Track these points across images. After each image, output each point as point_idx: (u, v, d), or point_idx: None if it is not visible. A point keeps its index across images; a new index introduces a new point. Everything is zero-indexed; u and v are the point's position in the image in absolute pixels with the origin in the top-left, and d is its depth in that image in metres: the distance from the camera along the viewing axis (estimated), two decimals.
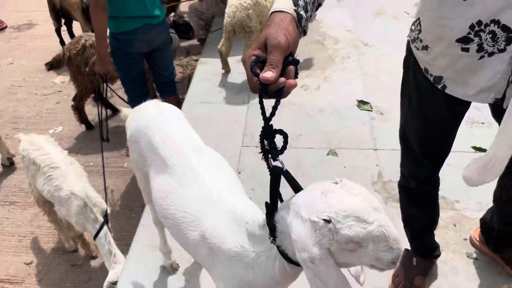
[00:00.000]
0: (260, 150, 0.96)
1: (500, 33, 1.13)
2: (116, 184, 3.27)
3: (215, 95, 3.34)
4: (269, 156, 0.94)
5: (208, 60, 3.77)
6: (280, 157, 0.95)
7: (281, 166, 0.95)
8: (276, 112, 0.89)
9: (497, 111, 1.34)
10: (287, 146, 0.95)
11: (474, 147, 2.57)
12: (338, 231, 0.87)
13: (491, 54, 1.17)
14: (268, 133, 0.94)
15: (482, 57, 1.19)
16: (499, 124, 1.34)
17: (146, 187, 1.63)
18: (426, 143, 1.49)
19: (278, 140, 0.95)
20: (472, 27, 1.15)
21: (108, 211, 2.32)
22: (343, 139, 2.78)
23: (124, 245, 2.46)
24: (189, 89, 3.45)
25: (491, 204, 1.78)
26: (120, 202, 3.13)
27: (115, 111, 3.64)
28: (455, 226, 2.08)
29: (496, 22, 1.12)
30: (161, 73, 2.94)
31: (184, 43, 4.48)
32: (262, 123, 0.92)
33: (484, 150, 2.46)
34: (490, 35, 1.15)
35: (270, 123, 0.92)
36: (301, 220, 0.91)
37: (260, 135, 0.94)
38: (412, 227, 1.80)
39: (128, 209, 3.08)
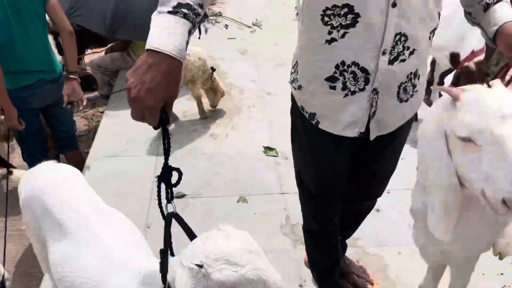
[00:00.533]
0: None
1: (360, 74, 1.29)
2: (14, 248, 3.00)
3: (122, 148, 3.27)
4: (163, 200, 1.00)
5: (113, 112, 3.71)
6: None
7: (174, 210, 1.00)
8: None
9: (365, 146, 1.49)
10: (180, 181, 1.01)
11: None
12: (210, 275, 0.87)
13: (353, 92, 1.32)
14: (166, 170, 0.98)
15: (346, 95, 1.32)
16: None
17: (43, 254, 1.54)
18: (321, 184, 1.60)
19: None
20: (337, 67, 1.29)
21: (6, 276, 2.12)
22: (252, 185, 2.85)
23: None
24: (94, 142, 3.35)
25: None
26: (19, 268, 2.87)
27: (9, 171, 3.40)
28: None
29: (356, 64, 1.27)
30: (60, 128, 2.85)
31: (90, 95, 4.38)
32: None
33: None
34: (352, 75, 1.29)
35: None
36: (182, 267, 0.91)
37: (156, 176, 0.99)
38: (318, 268, 1.88)
39: (27, 276, 2.83)
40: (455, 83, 3.07)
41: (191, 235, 1.01)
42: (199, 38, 4.27)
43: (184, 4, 0.95)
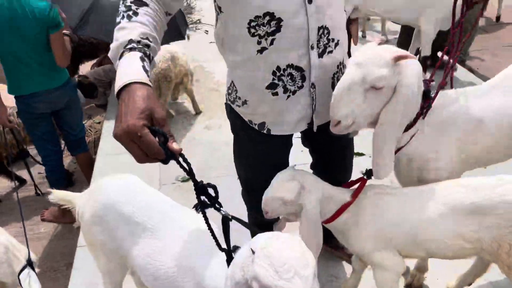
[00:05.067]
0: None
1: (296, 73, 1.35)
2: (35, 250, 3.23)
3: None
4: (215, 207, 1.04)
5: (114, 115, 3.96)
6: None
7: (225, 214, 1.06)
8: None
9: (308, 136, 1.61)
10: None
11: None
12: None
13: (294, 92, 1.39)
14: (200, 188, 1.01)
15: (289, 96, 1.39)
16: (311, 149, 1.66)
17: (111, 267, 1.61)
18: None
19: None
20: (274, 73, 1.35)
21: (32, 256, 2.28)
22: None
23: None
24: (100, 145, 3.59)
25: None
26: (44, 264, 3.09)
27: (22, 182, 3.62)
28: None
29: (290, 65, 1.34)
30: (70, 131, 3.04)
31: (85, 107, 4.62)
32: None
33: (361, 154, 2.93)
34: (289, 77, 1.36)
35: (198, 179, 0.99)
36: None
37: (196, 193, 1.01)
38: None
39: (52, 270, 3.06)
40: None
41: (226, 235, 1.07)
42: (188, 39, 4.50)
43: (128, 42, 1.02)
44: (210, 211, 1.09)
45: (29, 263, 2.20)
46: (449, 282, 1.96)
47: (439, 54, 3.63)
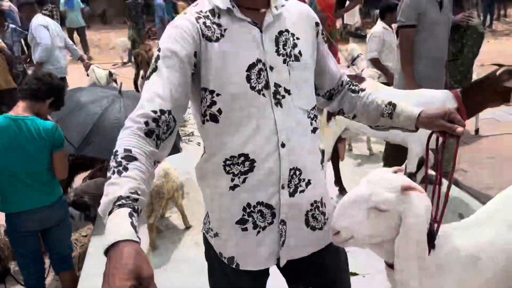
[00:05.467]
0: None
1: (266, 210, 1.40)
2: None
3: None
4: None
5: (103, 231, 3.89)
6: None
7: None
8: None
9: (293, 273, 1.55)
10: None
11: None
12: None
13: (264, 228, 1.42)
14: None
15: (258, 232, 1.42)
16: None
17: None
18: None
19: None
20: (244, 209, 1.40)
21: None
22: None
23: None
24: (84, 264, 3.47)
25: None
26: None
27: None
28: None
29: (260, 203, 1.39)
30: (56, 250, 2.99)
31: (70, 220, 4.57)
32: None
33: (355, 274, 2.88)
34: (259, 214, 1.40)
35: None
36: None
37: None
38: None
39: None
40: None
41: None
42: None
43: (117, 199, 1.05)
44: None
45: None
46: None
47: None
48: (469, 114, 3.18)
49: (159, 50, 1.32)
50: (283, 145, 1.37)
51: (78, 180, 4.89)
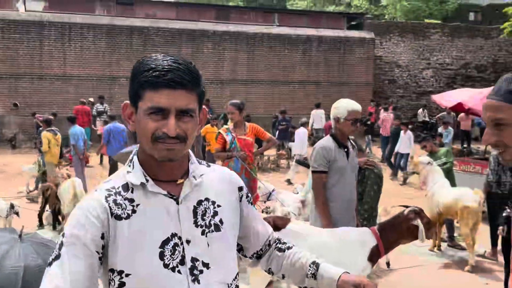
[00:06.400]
0: None
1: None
2: None
3: None
4: None
5: None
6: None
7: None
8: None
9: None
10: None
11: None
12: None
13: None
14: None
15: None
16: None
17: None
18: None
19: None
20: None
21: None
22: None
23: None
24: None
25: None
26: None
27: None
28: None
29: None
30: None
31: None
32: None
33: None
34: None
35: None
36: None
37: None
38: None
39: None
40: None
41: None
42: None
43: None
44: None
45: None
46: None
47: None
48: (385, 249, 3.47)
49: (63, 235, 1.29)
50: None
51: None
